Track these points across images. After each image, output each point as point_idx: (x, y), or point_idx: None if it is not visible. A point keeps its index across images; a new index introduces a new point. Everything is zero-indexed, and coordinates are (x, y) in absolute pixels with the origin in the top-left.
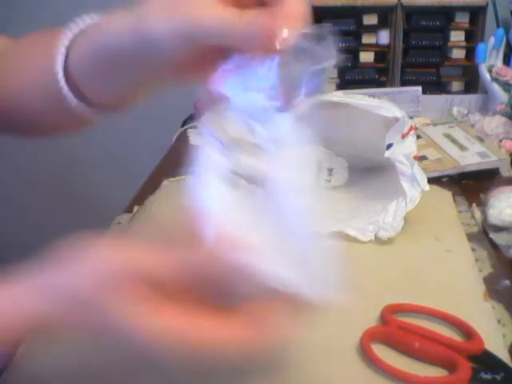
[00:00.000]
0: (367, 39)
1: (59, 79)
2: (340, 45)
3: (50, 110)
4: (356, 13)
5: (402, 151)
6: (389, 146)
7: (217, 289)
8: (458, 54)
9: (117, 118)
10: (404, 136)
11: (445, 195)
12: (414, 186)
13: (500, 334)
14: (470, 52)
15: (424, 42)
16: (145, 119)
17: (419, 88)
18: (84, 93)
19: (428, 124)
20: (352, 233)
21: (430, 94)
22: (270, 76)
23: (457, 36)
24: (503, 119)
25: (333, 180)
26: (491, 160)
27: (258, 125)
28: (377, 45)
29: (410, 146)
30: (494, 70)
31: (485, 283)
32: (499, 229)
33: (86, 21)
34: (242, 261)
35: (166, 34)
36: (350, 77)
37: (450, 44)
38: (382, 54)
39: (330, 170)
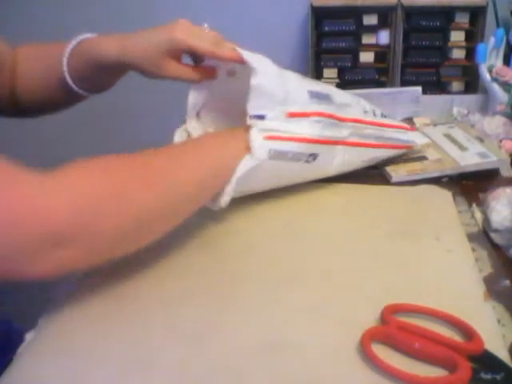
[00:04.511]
0: (367, 39)
1: (64, 72)
2: (340, 45)
3: (54, 94)
4: (356, 13)
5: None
6: None
7: None
8: (458, 54)
9: (117, 118)
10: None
11: (445, 195)
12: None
13: (500, 334)
14: (470, 52)
15: (424, 42)
16: (145, 118)
17: (419, 88)
18: (78, 82)
19: (428, 124)
20: None
21: (430, 94)
22: None
23: (457, 36)
24: (503, 119)
25: None
26: (491, 160)
27: None
28: (377, 45)
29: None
30: (494, 70)
31: (485, 283)
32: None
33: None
34: None
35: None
36: (350, 77)
37: (450, 44)
38: (382, 54)
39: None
